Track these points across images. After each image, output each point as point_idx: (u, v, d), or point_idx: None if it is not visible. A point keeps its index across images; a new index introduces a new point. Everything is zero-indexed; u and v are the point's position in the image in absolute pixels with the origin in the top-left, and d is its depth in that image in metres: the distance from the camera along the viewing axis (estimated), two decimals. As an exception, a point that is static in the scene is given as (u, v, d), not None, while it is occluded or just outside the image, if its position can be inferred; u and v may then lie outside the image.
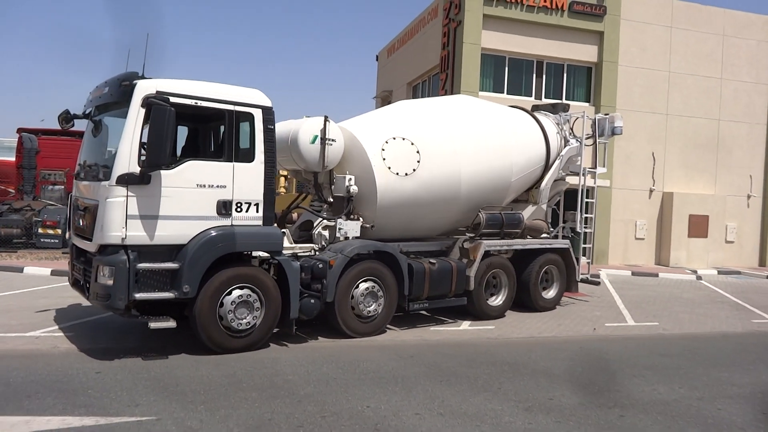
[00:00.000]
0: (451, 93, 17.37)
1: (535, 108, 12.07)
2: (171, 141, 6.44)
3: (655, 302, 12.29)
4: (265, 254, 7.49)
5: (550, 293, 10.87)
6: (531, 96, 18.10)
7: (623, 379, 6.65)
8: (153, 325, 6.62)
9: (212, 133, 7.87)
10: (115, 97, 6.75)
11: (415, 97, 22.31)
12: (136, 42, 6.98)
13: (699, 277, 16.64)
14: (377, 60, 27.35)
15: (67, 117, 7.81)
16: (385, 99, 25.38)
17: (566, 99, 18.05)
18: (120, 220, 6.44)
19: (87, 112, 7.75)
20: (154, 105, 6.33)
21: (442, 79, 18.20)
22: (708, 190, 19.46)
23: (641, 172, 18.85)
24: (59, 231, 16.57)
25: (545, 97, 18.07)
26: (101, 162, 7.02)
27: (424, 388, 5.99)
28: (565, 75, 18.56)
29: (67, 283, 8.10)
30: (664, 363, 7.47)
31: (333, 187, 8.83)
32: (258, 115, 7.29)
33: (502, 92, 17.93)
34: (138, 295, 6.50)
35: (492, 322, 9.56)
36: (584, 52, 18.36)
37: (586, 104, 18.29)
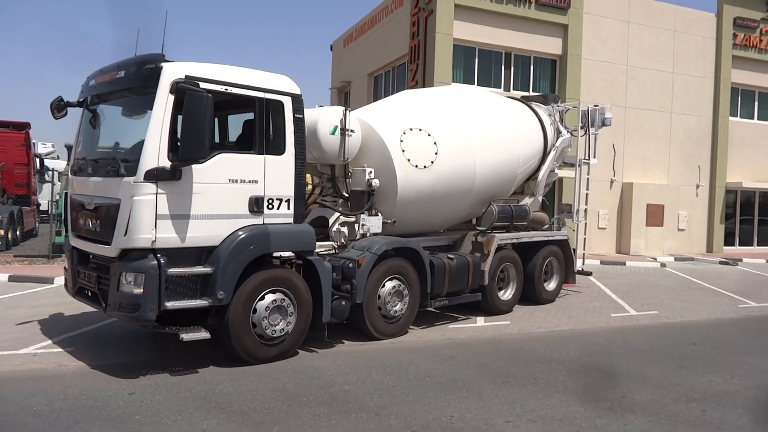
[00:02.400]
0: (423, 84, 17.13)
1: (527, 99, 12.01)
2: (209, 131, 5.77)
3: (640, 290, 12.61)
4: (288, 254, 6.94)
5: (551, 285, 10.88)
6: (500, 87, 18.17)
7: (672, 371, 6.64)
8: (186, 337, 5.95)
9: (241, 123, 7.19)
10: (136, 82, 5.97)
11: (376, 87, 21.92)
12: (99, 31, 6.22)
13: (663, 264, 17.35)
14: (332, 50, 26.69)
15: (60, 105, 6.94)
16: (342, 90, 24.81)
17: (533, 91, 18.26)
18: (149, 220, 5.72)
19: (85, 99, 6.91)
20: (189, 91, 5.64)
21: (411, 70, 17.89)
22: (662, 180, 20.32)
23: (603, 163, 19.24)
24: (2, 232, 15.04)
25: (513, 89, 18.19)
26: (117, 155, 6.21)
27: (492, 392, 5.71)
28: (531, 67, 18.75)
29: (31, 291, 7.21)
30: (695, 352, 7.58)
31: (349, 180, 8.35)
32: (288, 103, 6.71)
33: (473, 83, 17.87)
34: (169, 304, 5.81)
35: (504, 317, 9.43)
36: (549, 45, 18.61)
37: (552, 96, 18.53)
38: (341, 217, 8.14)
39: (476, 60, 18.03)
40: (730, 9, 21.03)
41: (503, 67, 18.42)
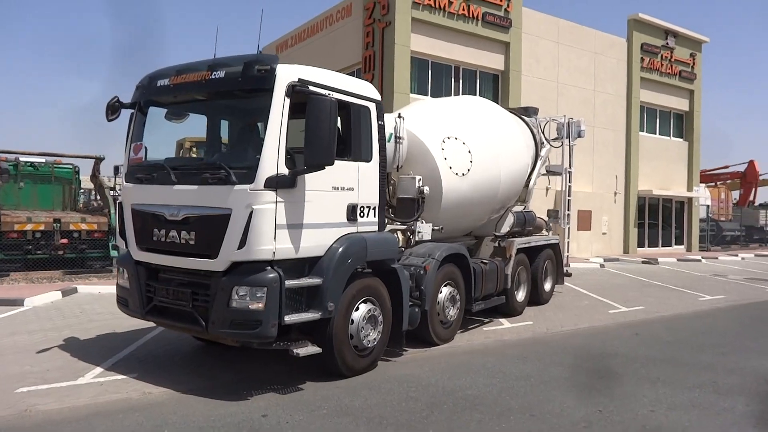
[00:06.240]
0: (380, 93, 17.29)
1: (510, 111, 12.64)
2: (335, 137, 5.55)
3: (607, 289, 13.69)
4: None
5: (548, 286, 11.53)
6: (451, 100, 18.83)
7: (723, 357, 7.38)
8: (302, 351, 5.65)
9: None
10: (244, 84, 5.58)
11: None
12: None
13: (602, 265, 18.90)
14: (261, 55, 26.01)
15: (114, 106, 6.36)
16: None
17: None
18: (270, 230, 5.38)
19: (146, 101, 6.38)
20: (314, 95, 5.41)
21: (367, 79, 17.98)
22: (588, 188, 22.13)
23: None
24: None
25: (462, 101, 18.92)
26: (220, 161, 5.73)
27: (604, 386, 6.04)
28: (478, 81, 19.65)
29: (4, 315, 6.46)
30: (721, 340, 8.46)
31: (396, 188, 8.34)
32: (373, 109, 6.64)
33: (426, 94, 18.37)
34: (287, 319, 5.49)
35: (524, 318, 9.86)
36: (493, 60, 19.62)
37: (496, 109, 19.56)
38: (393, 224, 8.10)
39: (430, 72, 18.57)
40: (639, 36, 23.52)
41: (453, 79, 19.13)
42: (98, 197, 17.95)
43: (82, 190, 20.75)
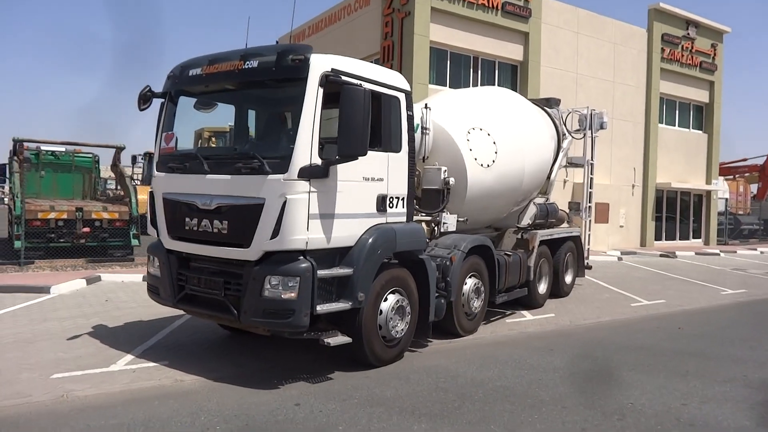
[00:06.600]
0: (398, 84, 17.22)
1: (533, 102, 12.55)
2: (368, 127, 5.54)
3: (626, 281, 13.63)
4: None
5: (569, 279, 11.48)
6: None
7: (752, 351, 7.33)
8: (333, 341, 5.69)
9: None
10: (278, 73, 5.58)
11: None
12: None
13: (620, 258, 18.78)
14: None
15: (146, 96, 6.40)
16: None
17: (498, 94, 18.99)
18: (303, 220, 5.40)
19: (177, 90, 6.40)
20: (348, 86, 5.40)
21: (386, 70, 17.92)
22: (605, 180, 21.95)
23: (557, 164, 20.58)
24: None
25: (481, 92, 18.81)
26: (254, 150, 5.74)
27: (634, 379, 6.00)
28: (497, 71, 19.51)
29: (34, 301, 6.55)
30: (748, 334, 8.41)
31: (421, 179, 8.32)
32: (402, 100, 6.62)
33: (445, 85, 18.27)
34: (320, 308, 5.52)
35: (546, 311, 9.84)
36: (512, 51, 19.45)
37: (515, 100, 19.44)
38: (418, 215, 8.09)
39: (448, 62, 18.46)
40: (659, 26, 23.20)
41: (471, 70, 19.01)
42: (117, 186, 18.09)
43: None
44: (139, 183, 21.15)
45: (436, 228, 8.08)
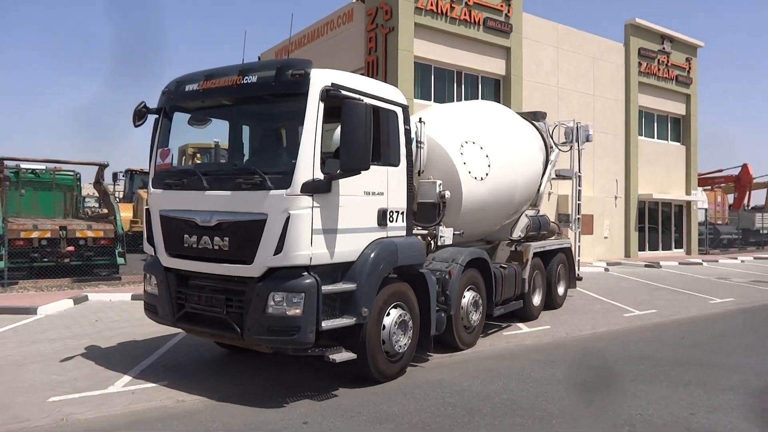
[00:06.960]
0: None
1: (521, 116, 12.68)
2: (370, 141, 5.53)
3: (616, 292, 13.75)
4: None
5: (561, 290, 11.53)
6: (454, 105, 18.87)
7: (749, 359, 7.41)
8: (338, 357, 5.61)
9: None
10: (278, 88, 5.55)
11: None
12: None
13: (606, 269, 18.97)
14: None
15: (141, 112, 6.31)
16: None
17: (482, 109, 19.18)
18: (307, 235, 5.35)
19: (171, 106, 6.34)
20: (349, 100, 5.39)
21: (371, 85, 18.00)
22: (589, 192, 22.20)
23: (541, 176, 20.80)
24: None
25: (465, 106, 18.98)
26: (254, 166, 5.69)
27: (639, 390, 6.01)
28: (480, 86, 19.71)
29: (20, 323, 6.41)
30: (742, 342, 8.51)
31: (417, 193, 8.31)
32: (400, 114, 6.64)
33: (430, 99, 18.40)
34: (325, 324, 5.45)
35: (541, 323, 9.85)
36: (495, 65, 19.70)
37: (499, 114, 19.65)
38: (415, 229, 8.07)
39: (432, 77, 18.61)
40: (636, 41, 23.73)
41: (455, 84, 19.18)
42: (99, 204, 17.79)
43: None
44: (120, 200, 20.84)
45: (432, 241, 8.07)
